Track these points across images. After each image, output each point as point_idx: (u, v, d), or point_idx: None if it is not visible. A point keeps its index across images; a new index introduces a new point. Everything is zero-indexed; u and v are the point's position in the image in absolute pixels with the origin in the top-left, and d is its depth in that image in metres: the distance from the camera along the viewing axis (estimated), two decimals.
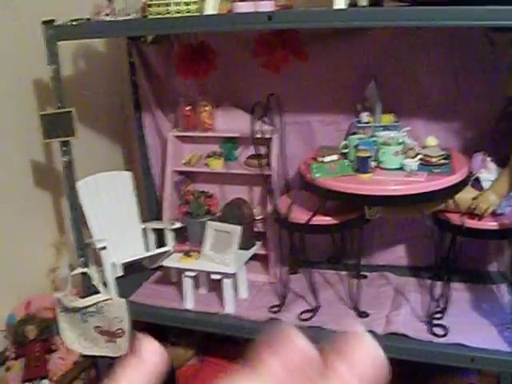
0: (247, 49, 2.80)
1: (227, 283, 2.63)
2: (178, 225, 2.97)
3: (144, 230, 3.04)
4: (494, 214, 2.38)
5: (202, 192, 2.93)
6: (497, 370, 2.47)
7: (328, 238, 2.93)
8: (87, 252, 2.81)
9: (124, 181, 2.98)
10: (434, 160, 2.36)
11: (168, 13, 2.34)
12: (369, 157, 2.32)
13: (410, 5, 2.10)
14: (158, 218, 3.22)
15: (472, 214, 2.37)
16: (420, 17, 1.99)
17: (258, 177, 2.70)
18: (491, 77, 2.55)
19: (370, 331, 2.41)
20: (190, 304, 2.73)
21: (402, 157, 2.37)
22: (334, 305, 2.66)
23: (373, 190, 2.25)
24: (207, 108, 2.98)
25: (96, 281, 2.78)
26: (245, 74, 2.94)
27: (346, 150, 2.52)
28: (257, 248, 2.86)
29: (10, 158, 2.78)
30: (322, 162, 2.46)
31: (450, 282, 2.51)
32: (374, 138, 2.46)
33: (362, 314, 2.55)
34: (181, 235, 3.02)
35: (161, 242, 3.04)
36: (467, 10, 1.90)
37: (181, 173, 3.17)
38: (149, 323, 2.80)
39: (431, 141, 2.44)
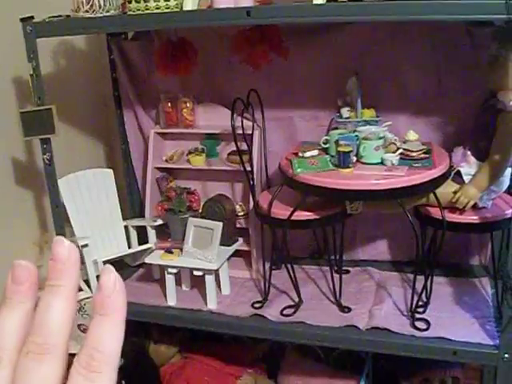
0: (228, 45, 2.79)
1: (209, 279, 2.62)
2: (159, 222, 2.96)
3: (126, 227, 3.03)
4: (476, 208, 2.40)
5: (184, 188, 2.93)
6: (479, 363, 2.48)
7: (310, 233, 2.94)
8: None
9: (105, 178, 2.96)
10: (414, 154, 2.37)
11: (147, 9, 2.34)
12: (350, 151, 2.32)
13: None
14: (141, 215, 3.21)
15: (453, 208, 2.39)
16: (400, 11, 1.98)
17: (240, 173, 2.69)
18: (472, 71, 2.56)
19: (353, 326, 2.43)
20: (172, 301, 2.72)
21: (382, 151, 2.38)
22: (317, 300, 2.66)
23: (353, 185, 2.24)
24: (188, 104, 2.97)
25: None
26: (226, 70, 2.94)
27: (326, 145, 2.53)
28: (239, 244, 2.85)
29: None
30: (303, 157, 2.46)
31: (432, 276, 2.52)
32: (355, 133, 2.46)
33: (345, 309, 2.55)
34: (163, 232, 3.01)
35: (143, 239, 3.02)
36: (446, 3, 1.91)
37: (162, 170, 3.17)
38: (131, 321, 2.79)
39: (412, 135, 2.44)
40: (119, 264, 3.02)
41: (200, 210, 2.86)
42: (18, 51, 2.51)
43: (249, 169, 2.60)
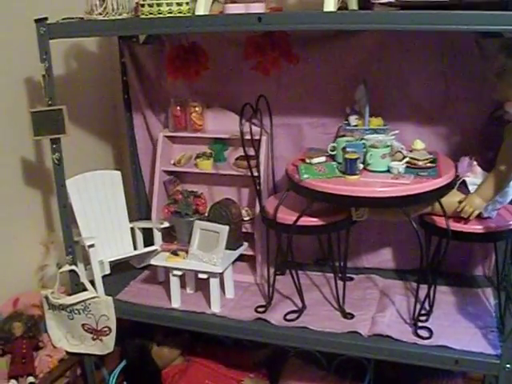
0: (238, 51, 2.82)
1: (214, 282, 2.64)
2: (166, 224, 2.98)
3: (132, 229, 3.05)
4: (480, 218, 2.41)
5: (191, 192, 2.95)
6: (481, 373, 2.48)
7: (315, 239, 2.95)
8: (76, 250, 2.82)
9: (113, 180, 2.98)
10: (420, 163, 2.38)
11: (160, 13, 2.36)
12: (356, 159, 2.34)
13: (399, 9, 2.12)
14: (148, 217, 3.23)
15: (458, 217, 2.40)
16: (409, 21, 1.99)
17: (247, 178, 2.71)
18: (480, 81, 2.58)
19: (355, 332, 2.43)
20: (176, 303, 2.74)
21: (389, 159, 2.39)
22: (320, 306, 2.67)
23: (359, 192, 2.25)
24: (197, 109, 3.00)
25: (84, 278, 2.78)
26: (235, 76, 2.97)
27: (334, 152, 2.54)
28: (244, 248, 2.87)
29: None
30: (310, 163, 2.48)
31: (435, 285, 2.53)
32: (362, 141, 2.48)
33: (348, 316, 2.57)
34: (169, 235, 3.03)
35: (149, 242, 3.04)
36: (456, 14, 1.92)
37: (170, 173, 3.19)
38: (135, 322, 2.81)
39: (418, 144, 2.45)
40: (125, 265, 3.04)
41: (206, 214, 2.88)
42: (31, 52, 2.54)
43: (256, 174, 2.61)
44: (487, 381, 2.62)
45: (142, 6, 2.39)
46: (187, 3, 2.37)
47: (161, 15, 2.36)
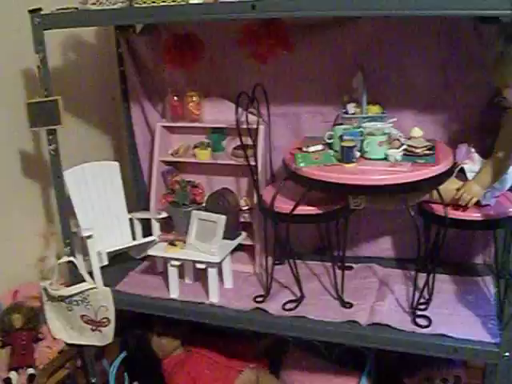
0: (234, 39, 2.79)
1: (212, 272, 2.63)
2: (164, 215, 2.98)
3: (131, 219, 3.04)
4: (479, 205, 2.39)
5: (188, 182, 2.94)
6: (480, 361, 2.47)
7: (314, 228, 2.95)
8: (74, 241, 2.82)
9: (111, 171, 2.98)
10: (418, 151, 2.37)
11: (154, 2, 2.35)
12: (353, 146, 2.32)
13: None
14: (146, 207, 3.23)
15: (457, 205, 2.38)
16: (406, 6, 1.97)
17: (245, 167, 2.69)
18: (478, 68, 2.56)
19: (354, 321, 2.42)
20: (174, 293, 2.73)
21: (386, 147, 2.38)
22: (319, 295, 2.67)
23: (356, 180, 2.24)
24: (195, 98, 3.00)
25: (82, 269, 2.78)
26: (232, 65, 2.95)
27: (331, 141, 2.53)
28: (242, 238, 2.86)
29: None
30: (307, 151, 2.47)
31: (434, 274, 2.52)
32: (359, 129, 2.46)
33: (347, 305, 2.56)
34: (167, 225, 3.03)
35: (148, 232, 3.03)
36: None
37: (168, 163, 3.18)
38: (134, 313, 2.81)
39: (416, 132, 2.44)
40: (123, 256, 3.04)
41: (204, 204, 2.87)
42: (27, 43, 2.53)
43: (253, 163, 2.60)
44: (488, 369, 2.61)
45: None
46: None
47: (155, 4, 2.34)
